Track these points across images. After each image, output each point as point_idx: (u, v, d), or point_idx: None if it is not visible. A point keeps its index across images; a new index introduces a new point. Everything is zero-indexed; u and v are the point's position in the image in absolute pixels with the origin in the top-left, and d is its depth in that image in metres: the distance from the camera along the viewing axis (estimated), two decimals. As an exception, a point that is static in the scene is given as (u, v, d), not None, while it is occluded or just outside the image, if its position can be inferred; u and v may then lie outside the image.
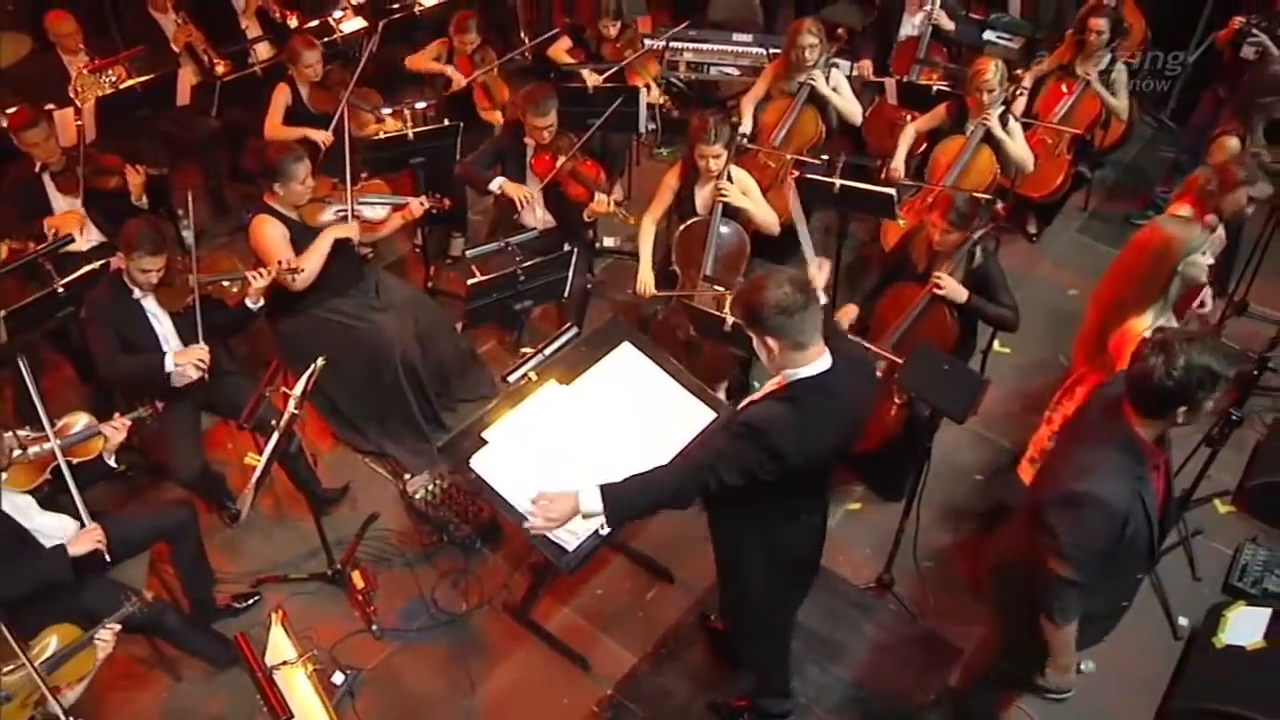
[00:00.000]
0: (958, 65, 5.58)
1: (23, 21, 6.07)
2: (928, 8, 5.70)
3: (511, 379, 3.39)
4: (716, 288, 4.14)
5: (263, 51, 5.91)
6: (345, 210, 4.39)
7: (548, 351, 3.47)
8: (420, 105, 5.35)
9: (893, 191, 4.41)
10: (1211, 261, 3.40)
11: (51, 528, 3.29)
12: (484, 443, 3.26)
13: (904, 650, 3.74)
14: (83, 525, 3.34)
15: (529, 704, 3.62)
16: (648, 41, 5.89)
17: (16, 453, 3.34)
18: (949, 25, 5.73)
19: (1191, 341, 2.40)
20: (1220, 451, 3.86)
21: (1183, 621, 3.83)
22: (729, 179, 4.36)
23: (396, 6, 6.02)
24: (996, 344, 4.79)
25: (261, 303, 4.02)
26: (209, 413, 4.19)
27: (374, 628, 3.83)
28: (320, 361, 3.52)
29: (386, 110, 5.30)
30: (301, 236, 4.23)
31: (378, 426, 4.48)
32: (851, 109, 5.33)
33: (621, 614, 3.90)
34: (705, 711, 3.58)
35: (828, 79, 5.20)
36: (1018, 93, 5.02)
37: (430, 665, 3.75)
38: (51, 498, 3.43)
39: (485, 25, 6.43)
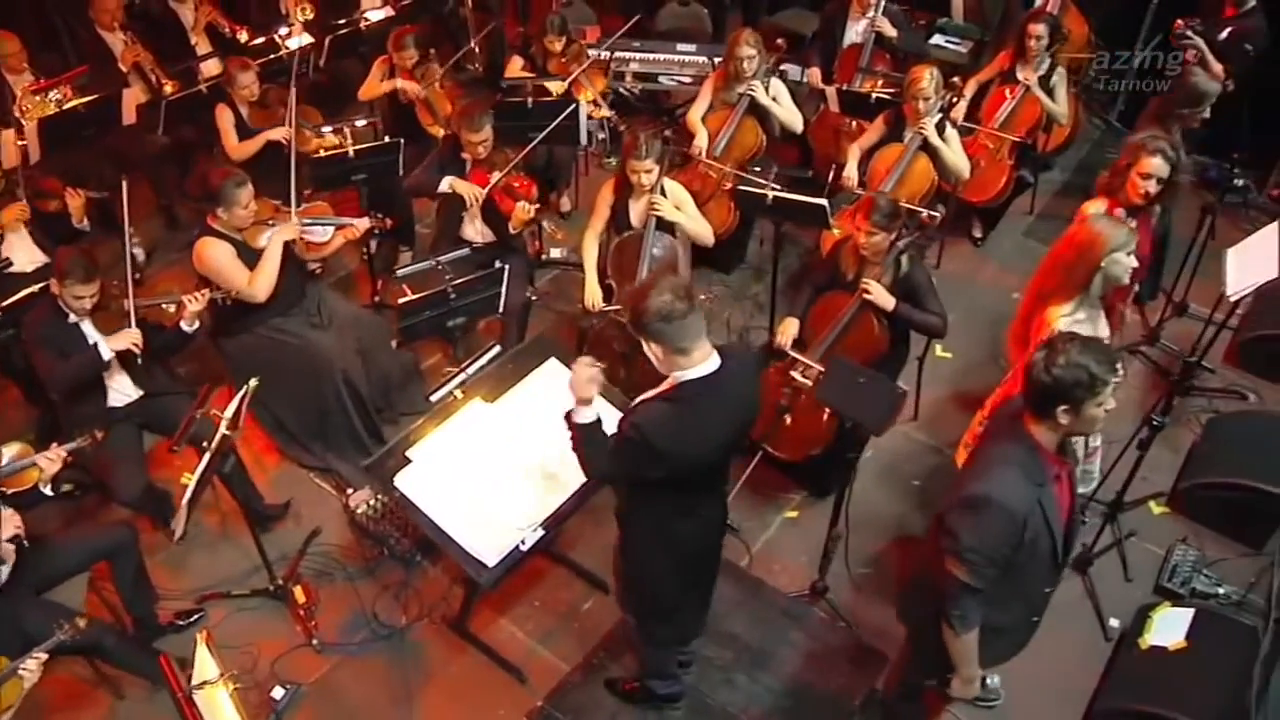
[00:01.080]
0: (901, 73, 5.60)
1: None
2: (870, 14, 5.70)
3: (435, 397, 3.43)
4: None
5: (210, 69, 5.92)
6: (288, 232, 4.42)
7: (472, 369, 3.51)
8: (361, 123, 5.35)
9: (824, 201, 4.43)
10: (1135, 264, 3.46)
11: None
12: (408, 461, 3.31)
13: (831, 657, 3.77)
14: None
15: (466, 716, 3.66)
16: (592, 52, 5.88)
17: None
18: (891, 32, 5.69)
19: (1074, 341, 2.48)
20: (1157, 454, 3.91)
21: (1114, 623, 3.88)
22: (662, 192, 4.39)
23: (343, 22, 6.04)
24: (938, 349, 4.85)
25: (197, 325, 4.06)
26: (150, 432, 4.22)
27: (315, 642, 3.87)
28: (253, 383, 3.56)
29: (327, 129, 5.32)
30: (246, 257, 4.26)
31: (321, 442, 4.51)
32: (793, 118, 5.35)
33: (558, 625, 3.95)
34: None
35: (768, 89, 5.22)
36: (953, 100, 5.06)
37: (370, 678, 3.79)
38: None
39: (437, 35, 6.45)
